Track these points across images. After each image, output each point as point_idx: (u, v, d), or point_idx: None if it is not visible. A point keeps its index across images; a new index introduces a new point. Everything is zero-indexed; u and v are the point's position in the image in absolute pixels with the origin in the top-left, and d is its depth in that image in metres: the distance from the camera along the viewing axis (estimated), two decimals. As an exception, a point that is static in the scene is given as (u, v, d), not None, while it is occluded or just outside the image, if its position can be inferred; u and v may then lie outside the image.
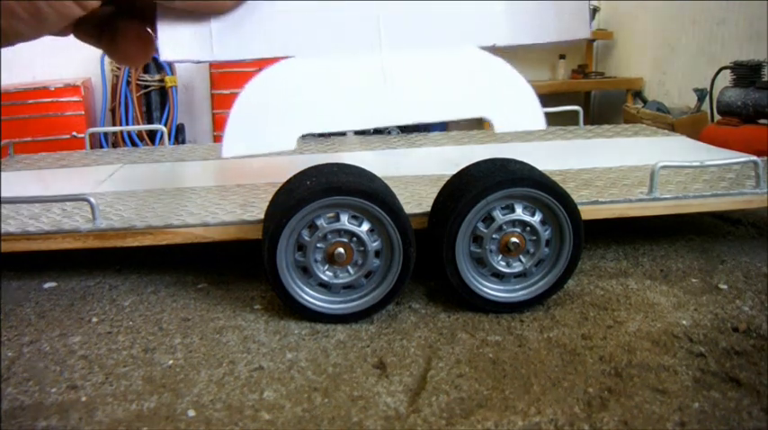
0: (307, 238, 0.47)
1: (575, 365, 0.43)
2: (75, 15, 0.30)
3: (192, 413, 0.38)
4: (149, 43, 0.36)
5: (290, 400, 0.39)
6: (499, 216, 0.49)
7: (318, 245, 0.48)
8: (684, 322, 0.49)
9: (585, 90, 2.82)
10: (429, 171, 0.73)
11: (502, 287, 0.51)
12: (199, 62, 0.46)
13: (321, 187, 0.46)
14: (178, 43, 0.45)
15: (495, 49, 0.52)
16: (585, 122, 1.03)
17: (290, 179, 0.50)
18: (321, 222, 0.47)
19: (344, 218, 0.48)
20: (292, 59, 0.49)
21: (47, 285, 0.59)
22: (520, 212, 0.49)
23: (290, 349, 0.45)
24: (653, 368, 0.42)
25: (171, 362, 0.44)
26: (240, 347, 0.46)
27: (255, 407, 0.38)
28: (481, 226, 0.49)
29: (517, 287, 0.51)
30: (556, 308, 0.51)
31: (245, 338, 0.47)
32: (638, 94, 2.14)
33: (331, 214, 0.48)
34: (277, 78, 0.50)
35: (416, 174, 0.72)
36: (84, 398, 0.39)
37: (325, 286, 0.49)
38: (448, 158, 0.80)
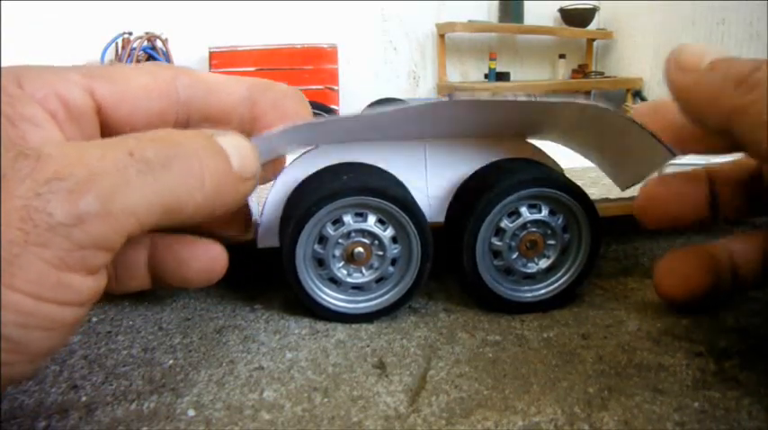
0: (331, 232, 0.47)
1: (574, 365, 0.43)
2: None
3: (192, 413, 0.38)
4: None
5: (290, 400, 0.39)
6: (526, 214, 0.48)
7: (339, 241, 0.47)
8: (684, 322, 0.49)
9: (585, 89, 2.83)
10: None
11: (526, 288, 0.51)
12: None
13: (357, 184, 0.45)
14: None
15: None
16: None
17: (316, 174, 0.48)
18: (348, 219, 0.47)
19: (372, 219, 0.47)
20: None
21: (47, 285, 0.59)
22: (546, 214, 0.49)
23: (290, 349, 0.45)
24: (653, 368, 0.42)
25: (171, 361, 0.44)
26: (240, 347, 0.46)
27: (255, 407, 0.38)
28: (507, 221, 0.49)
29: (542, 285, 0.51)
30: (555, 307, 0.51)
31: (245, 338, 0.47)
32: (638, 94, 2.14)
33: (359, 212, 0.47)
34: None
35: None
36: (84, 398, 0.39)
37: (335, 282, 0.49)
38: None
